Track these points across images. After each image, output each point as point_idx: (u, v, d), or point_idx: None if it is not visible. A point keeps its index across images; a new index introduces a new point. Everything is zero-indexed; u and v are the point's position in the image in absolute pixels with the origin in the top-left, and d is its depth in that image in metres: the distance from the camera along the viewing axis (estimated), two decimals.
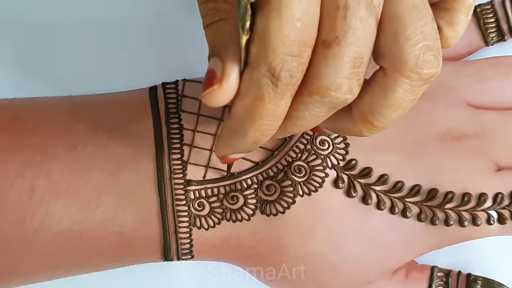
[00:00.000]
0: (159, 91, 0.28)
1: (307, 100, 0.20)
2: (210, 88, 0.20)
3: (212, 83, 0.20)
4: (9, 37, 0.32)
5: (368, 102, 0.21)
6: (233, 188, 0.27)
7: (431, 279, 0.30)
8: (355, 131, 0.22)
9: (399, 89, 0.20)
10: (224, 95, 0.20)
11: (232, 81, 0.20)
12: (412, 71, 0.20)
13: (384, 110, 0.21)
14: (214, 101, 0.20)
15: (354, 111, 0.21)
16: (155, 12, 0.32)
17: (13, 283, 0.27)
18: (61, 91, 0.29)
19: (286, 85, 0.19)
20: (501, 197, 0.28)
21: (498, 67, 0.30)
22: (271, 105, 0.20)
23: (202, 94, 0.20)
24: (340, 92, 0.20)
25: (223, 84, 0.20)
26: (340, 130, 0.23)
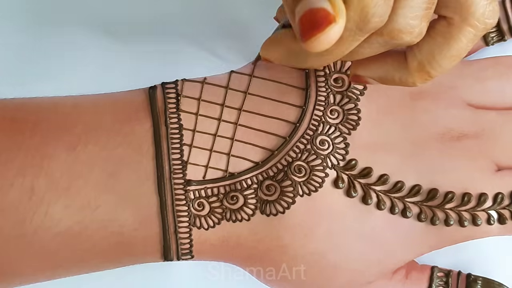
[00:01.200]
0: (158, 91, 0.28)
1: (375, 39, 0.20)
2: (329, 26, 0.18)
3: (328, 21, 0.18)
4: (9, 36, 0.32)
5: (428, 51, 0.21)
6: (233, 188, 0.27)
7: (431, 279, 0.30)
8: (408, 81, 0.22)
9: (463, 39, 0.21)
10: (340, 31, 0.19)
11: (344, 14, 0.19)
12: (479, 21, 0.20)
13: (444, 59, 0.21)
14: (331, 40, 0.19)
15: (411, 61, 0.22)
16: (155, 12, 0.32)
17: (13, 283, 0.27)
18: (61, 91, 0.29)
19: (371, 30, 0.19)
20: (501, 197, 0.28)
21: (498, 67, 0.30)
22: (346, 46, 0.20)
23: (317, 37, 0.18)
24: (411, 36, 0.20)
25: (340, 18, 0.18)
26: (391, 80, 0.23)
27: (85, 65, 0.31)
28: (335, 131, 0.28)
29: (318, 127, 0.28)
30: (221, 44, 0.32)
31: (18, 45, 0.32)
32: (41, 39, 0.31)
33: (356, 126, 0.28)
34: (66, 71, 0.31)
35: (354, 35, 0.20)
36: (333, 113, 0.28)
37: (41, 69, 0.31)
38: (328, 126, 0.28)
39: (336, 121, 0.28)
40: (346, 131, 0.28)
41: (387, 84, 0.23)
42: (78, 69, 0.31)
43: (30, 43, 0.32)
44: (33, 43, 0.31)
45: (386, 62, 0.22)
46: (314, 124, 0.28)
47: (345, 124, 0.28)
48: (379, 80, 0.23)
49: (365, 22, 0.19)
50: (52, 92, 0.29)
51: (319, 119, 0.28)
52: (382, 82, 0.23)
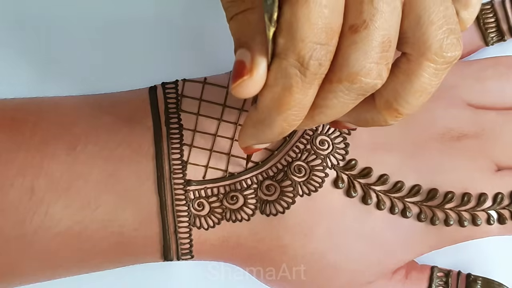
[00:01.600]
0: (158, 91, 0.28)
1: (337, 87, 0.20)
2: (241, 79, 0.20)
3: (242, 74, 0.20)
4: (9, 36, 0.32)
5: (393, 89, 0.21)
6: (233, 188, 0.27)
7: (431, 279, 0.30)
8: (380, 120, 0.22)
9: (424, 74, 0.20)
10: (254, 85, 0.20)
11: (262, 70, 0.20)
12: (437, 54, 0.20)
13: (409, 96, 0.21)
14: (245, 92, 0.20)
15: (378, 100, 0.22)
16: (155, 12, 0.32)
17: (13, 283, 0.27)
18: (61, 91, 0.29)
19: (314, 74, 0.19)
20: (501, 197, 0.28)
21: (498, 67, 0.30)
22: (299, 95, 0.20)
23: (233, 86, 0.20)
24: (370, 77, 0.20)
25: (253, 74, 0.20)
26: (364, 122, 0.23)
27: (85, 65, 0.31)
28: (335, 131, 0.28)
29: (318, 127, 0.28)
30: (221, 44, 0.32)
31: (17, 45, 0.32)
32: (41, 39, 0.31)
33: None
34: (66, 71, 0.31)
35: (301, 82, 0.20)
36: None
37: (41, 69, 0.31)
38: (328, 126, 0.28)
39: None
40: (346, 131, 0.28)
41: (363, 126, 0.23)
42: (78, 69, 0.31)
43: (29, 43, 0.31)
44: (33, 43, 0.31)
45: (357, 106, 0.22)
46: None
47: None
48: (354, 123, 0.24)
49: (305, 66, 0.19)
50: (52, 92, 0.29)
51: None
52: (357, 124, 0.24)
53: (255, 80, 0.20)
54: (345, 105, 0.21)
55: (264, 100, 0.20)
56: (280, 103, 0.20)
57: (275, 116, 0.21)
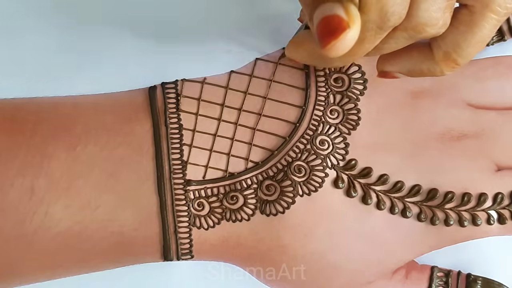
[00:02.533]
0: (158, 91, 0.28)
1: (400, 34, 0.21)
2: (344, 33, 0.19)
3: (342, 27, 0.19)
4: (9, 36, 0.32)
5: (453, 41, 0.21)
6: (232, 188, 0.27)
7: (431, 279, 0.30)
8: (436, 71, 0.23)
9: (487, 25, 0.21)
10: (355, 37, 0.19)
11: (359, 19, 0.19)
12: (500, 6, 0.20)
13: (470, 47, 0.21)
14: (347, 46, 0.19)
15: (436, 51, 0.22)
16: (155, 12, 0.32)
17: (13, 283, 0.27)
18: (61, 91, 0.29)
19: (391, 27, 0.20)
20: (501, 197, 0.28)
21: (498, 67, 0.30)
22: (369, 44, 0.20)
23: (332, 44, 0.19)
24: (436, 28, 0.20)
25: (355, 23, 0.19)
26: (418, 72, 0.23)
27: (85, 65, 0.31)
28: (335, 131, 0.28)
29: (318, 127, 0.28)
30: (221, 44, 0.32)
31: (17, 45, 0.32)
32: (41, 39, 0.31)
33: (356, 126, 0.28)
34: (65, 71, 0.31)
35: (375, 34, 0.20)
36: (333, 113, 0.28)
37: (41, 69, 0.31)
38: (328, 126, 0.28)
39: (336, 121, 0.28)
40: (346, 131, 0.28)
41: (416, 76, 0.24)
42: (78, 69, 0.31)
43: (29, 43, 0.31)
44: (32, 43, 0.31)
45: (412, 56, 0.22)
46: (314, 124, 0.28)
47: (345, 124, 0.28)
48: (407, 74, 0.24)
49: (384, 21, 0.19)
50: (52, 92, 0.29)
51: (319, 119, 0.28)
52: (410, 75, 0.24)
53: (356, 30, 0.19)
54: (401, 46, 0.21)
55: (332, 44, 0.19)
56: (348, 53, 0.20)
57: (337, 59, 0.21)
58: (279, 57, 0.29)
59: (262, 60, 0.29)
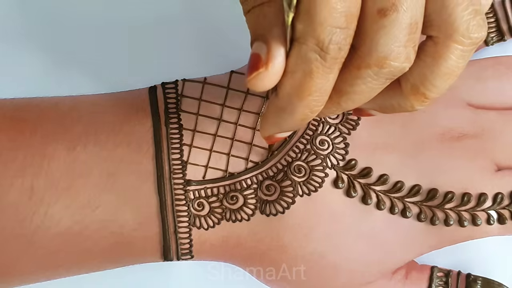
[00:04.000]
0: (158, 91, 0.28)
1: (365, 73, 0.20)
2: (256, 72, 0.20)
3: (257, 67, 0.20)
4: (9, 37, 0.32)
5: (419, 73, 0.21)
6: (232, 188, 0.27)
7: (431, 279, 0.30)
8: (407, 106, 0.22)
9: (452, 56, 0.20)
10: (271, 77, 0.20)
11: (279, 62, 0.20)
12: (464, 36, 0.20)
13: (437, 79, 0.21)
14: (261, 85, 0.20)
15: (404, 85, 0.22)
16: (155, 12, 0.32)
17: (12, 283, 0.27)
18: (61, 91, 0.29)
19: (335, 59, 0.19)
20: (501, 197, 0.28)
21: (498, 67, 0.30)
22: (320, 80, 0.20)
23: (248, 79, 0.20)
24: (399, 61, 0.20)
25: (269, 66, 0.20)
26: (390, 108, 0.23)
27: (85, 65, 0.31)
28: (335, 131, 0.28)
29: (318, 127, 0.28)
30: (221, 44, 0.32)
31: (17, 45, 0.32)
32: (41, 39, 0.31)
33: (356, 126, 0.28)
34: (65, 71, 0.31)
35: (322, 67, 0.20)
36: None
37: (41, 69, 0.31)
38: (328, 126, 0.28)
39: (336, 121, 0.28)
40: (346, 131, 0.28)
41: (388, 113, 0.23)
42: (77, 69, 0.31)
43: (28, 43, 0.31)
44: (32, 43, 0.31)
45: (382, 92, 0.22)
46: (314, 124, 0.28)
47: (345, 124, 0.28)
48: (379, 110, 0.23)
49: (325, 51, 0.19)
50: (52, 92, 0.29)
51: (319, 119, 0.28)
52: (382, 111, 0.23)
53: (271, 73, 0.20)
54: (373, 90, 0.21)
55: (284, 88, 0.20)
56: (301, 89, 0.20)
57: (297, 102, 0.21)
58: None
59: None
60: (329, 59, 0.19)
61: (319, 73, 0.20)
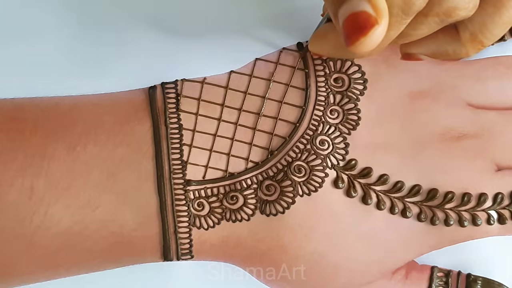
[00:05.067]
0: (158, 91, 0.28)
1: (432, 20, 0.21)
2: (372, 29, 0.19)
3: (370, 24, 0.19)
4: (9, 37, 0.32)
5: (480, 22, 0.21)
6: (232, 188, 0.27)
7: (431, 279, 0.30)
8: (462, 52, 0.23)
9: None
10: (383, 32, 0.19)
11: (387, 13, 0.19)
12: None
13: (496, 28, 0.21)
14: (375, 43, 0.19)
15: (462, 32, 0.22)
16: (155, 11, 0.32)
17: (12, 283, 0.27)
18: (61, 91, 0.29)
19: (416, 12, 0.20)
20: (501, 197, 0.28)
21: (499, 67, 0.30)
22: (393, 31, 0.20)
23: (361, 41, 0.19)
24: (467, 10, 0.20)
25: (383, 19, 0.19)
26: (444, 54, 0.23)
27: (85, 65, 0.31)
28: (335, 131, 0.28)
29: (318, 127, 0.28)
30: (221, 44, 0.32)
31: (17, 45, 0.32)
32: (41, 39, 0.31)
33: (356, 126, 0.28)
34: (66, 71, 0.31)
35: (400, 20, 0.20)
36: (333, 113, 0.28)
37: (41, 69, 0.31)
38: (328, 126, 0.28)
39: (336, 121, 0.28)
40: (346, 131, 0.28)
41: (440, 59, 0.24)
42: (77, 69, 0.31)
43: (28, 43, 0.31)
44: (32, 43, 0.31)
45: (438, 37, 0.22)
46: (314, 124, 0.28)
47: (345, 124, 0.28)
48: (432, 56, 0.24)
49: (409, 5, 0.19)
50: (52, 92, 0.29)
51: (319, 119, 0.28)
52: (435, 57, 0.24)
53: (385, 26, 0.19)
54: (431, 31, 0.21)
55: None
56: None
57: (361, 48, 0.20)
58: (278, 57, 0.29)
59: (262, 60, 0.29)
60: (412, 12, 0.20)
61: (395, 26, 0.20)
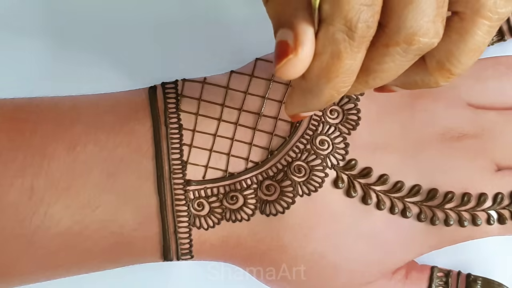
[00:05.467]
0: (158, 91, 0.28)
1: (393, 50, 0.20)
2: (286, 59, 0.19)
3: (286, 53, 0.19)
4: (9, 36, 0.32)
5: (445, 49, 0.21)
6: (232, 188, 0.27)
7: (431, 279, 0.30)
8: (431, 82, 0.22)
9: (478, 32, 0.20)
10: (301, 63, 0.19)
11: (309, 46, 0.19)
12: (491, 11, 0.20)
13: (463, 55, 0.21)
14: (292, 72, 0.19)
15: (429, 61, 0.21)
16: (155, 12, 0.32)
17: (12, 283, 0.27)
18: (61, 91, 0.29)
19: (363, 37, 0.19)
20: (501, 197, 0.28)
21: (499, 67, 0.30)
22: (349, 60, 0.20)
23: (277, 67, 0.19)
24: (428, 37, 0.20)
25: (299, 51, 0.19)
26: (413, 85, 0.23)
27: (85, 65, 0.31)
28: (335, 131, 0.28)
29: (318, 127, 0.28)
30: (220, 44, 0.32)
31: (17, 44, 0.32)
32: (40, 38, 0.31)
33: (356, 126, 0.28)
34: (66, 71, 0.31)
35: (350, 47, 0.19)
36: (333, 113, 0.28)
37: (41, 70, 0.31)
38: (328, 126, 0.28)
39: (336, 121, 0.28)
40: (346, 131, 0.28)
41: (411, 89, 0.23)
42: (77, 69, 0.31)
43: (28, 43, 0.32)
44: (32, 43, 0.31)
45: None
46: (314, 124, 0.28)
47: (345, 124, 0.28)
48: (402, 86, 0.23)
49: (352, 30, 0.19)
50: (52, 92, 0.29)
51: (318, 119, 0.28)
52: (405, 87, 0.23)
53: (301, 58, 0.19)
54: (401, 67, 0.21)
55: (311, 70, 0.20)
56: (328, 71, 0.20)
57: (324, 84, 0.20)
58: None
59: (262, 60, 0.29)
60: (358, 38, 0.19)
61: (347, 54, 0.19)
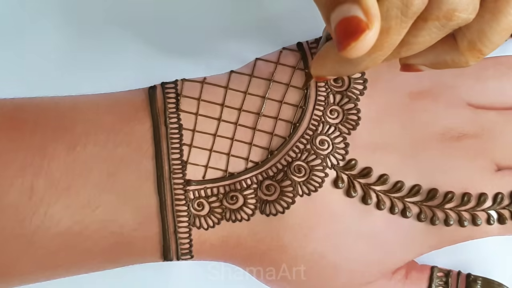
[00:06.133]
0: (158, 90, 0.28)
1: (432, 25, 0.20)
2: (363, 34, 0.18)
3: (360, 29, 0.18)
4: (9, 37, 0.32)
5: (478, 29, 0.21)
6: (232, 188, 0.27)
7: (431, 279, 0.30)
8: (461, 61, 0.22)
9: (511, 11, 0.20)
10: (375, 37, 0.19)
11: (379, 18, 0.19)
12: None
13: (495, 35, 0.21)
14: (365, 48, 0.19)
15: (460, 41, 0.22)
16: (155, 12, 0.32)
17: (12, 283, 0.27)
18: (61, 91, 0.29)
19: (415, 13, 0.19)
20: (501, 197, 0.28)
21: (499, 67, 0.30)
22: (396, 36, 0.20)
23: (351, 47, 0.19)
24: (467, 12, 0.20)
25: (375, 24, 0.19)
26: (442, 64, 0.23)
27: (85, 65, 0.31)
28: (335, 131, 0.28)
29: (318, 127, 0.28)
30: (221, 44, 0.32)
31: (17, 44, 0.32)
32: (40, 38, 0.31)
33: (356, 126, 0.28)
34: (66, 71, 0.31)
35: (400, 22, 0.20)
36: (333, 113, 0.28)
37: (41, 69, 0.31)
38: (328, 126, 0.28)
39: (336, 121, 0.28)
40: (346, 131, 0.28)
41: (440, 68, 0.23)
42: (78, 69, 0.31)
43: (28, 43, 0.32)
44: (32, 43, 0.31)
45: (436, 47, 0.22)
46: (314, 124, 0.28)
47: (345, 124, 0.28)
48: (431, 66, 0.23)
49: (408, 6, 0.19)
50: (52, 92, 0.29)
51: (318, 119, 0.28)
52: (434, 67, 0.23)
53: (376, 31, 0.19)
54: (434, 40, 0.21)
55: None
56: (374, 46, 0.19)
57: (366, 56, 0.20)
58: (278, 57, 0.29)
59: (262, 60, 0.29)
60: (411, 14, 0.19)
61: (396, 30, 0.20)
